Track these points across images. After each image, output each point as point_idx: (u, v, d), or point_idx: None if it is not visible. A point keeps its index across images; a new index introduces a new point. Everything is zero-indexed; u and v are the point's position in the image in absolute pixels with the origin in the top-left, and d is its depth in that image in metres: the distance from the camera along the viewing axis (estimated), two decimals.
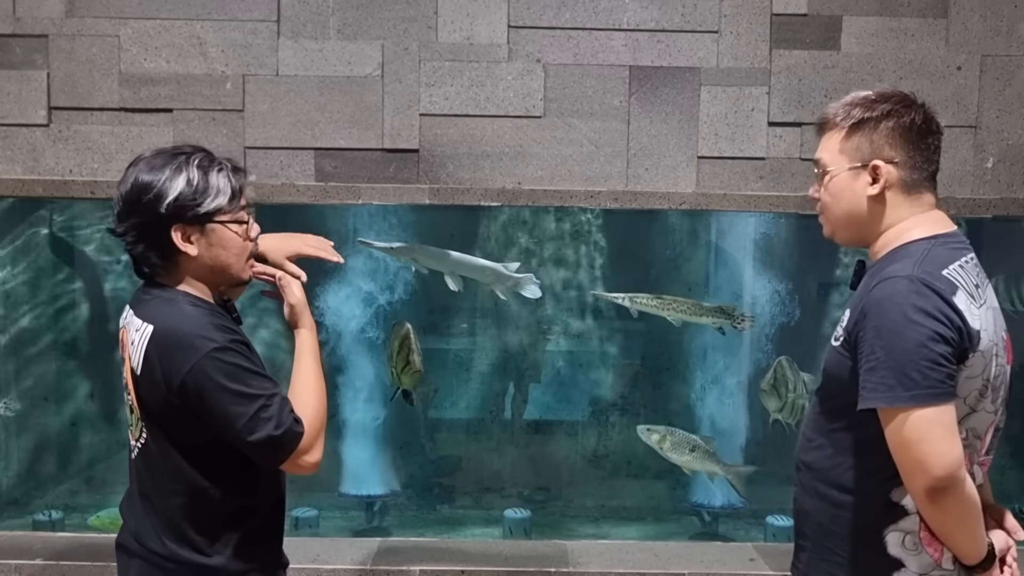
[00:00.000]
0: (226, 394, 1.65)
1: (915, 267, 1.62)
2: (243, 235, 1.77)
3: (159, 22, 3.22)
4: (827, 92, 3.26)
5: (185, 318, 1.69)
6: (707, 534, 4.00)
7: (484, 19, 3.23)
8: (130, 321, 1.77)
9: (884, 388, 1.59)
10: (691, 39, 3.25)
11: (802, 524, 1.82)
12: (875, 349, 1.60)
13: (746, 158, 3.28)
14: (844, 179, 1.74)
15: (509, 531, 3.78)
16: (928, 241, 1.69)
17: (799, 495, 1.83)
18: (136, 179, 1.71)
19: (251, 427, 1.66)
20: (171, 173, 1.70)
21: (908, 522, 1.70)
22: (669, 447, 3.67)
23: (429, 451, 4.42)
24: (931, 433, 1.57)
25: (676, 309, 3.65)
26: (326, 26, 3.23)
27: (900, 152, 1.70)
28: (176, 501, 1.74)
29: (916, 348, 1.57)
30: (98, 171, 3.24)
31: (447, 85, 3.25)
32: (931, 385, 1.57)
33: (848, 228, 1.77)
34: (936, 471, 1.57)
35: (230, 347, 1.68)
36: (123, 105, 3.23)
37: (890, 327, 1.59)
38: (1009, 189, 3.29)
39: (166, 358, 1.66)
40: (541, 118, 3.26)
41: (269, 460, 1.71)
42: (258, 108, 3.24)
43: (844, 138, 1.73)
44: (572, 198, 3.25)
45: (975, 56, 3.26)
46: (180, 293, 1.75)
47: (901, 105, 1.72)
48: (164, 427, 1.71)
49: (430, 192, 3.23)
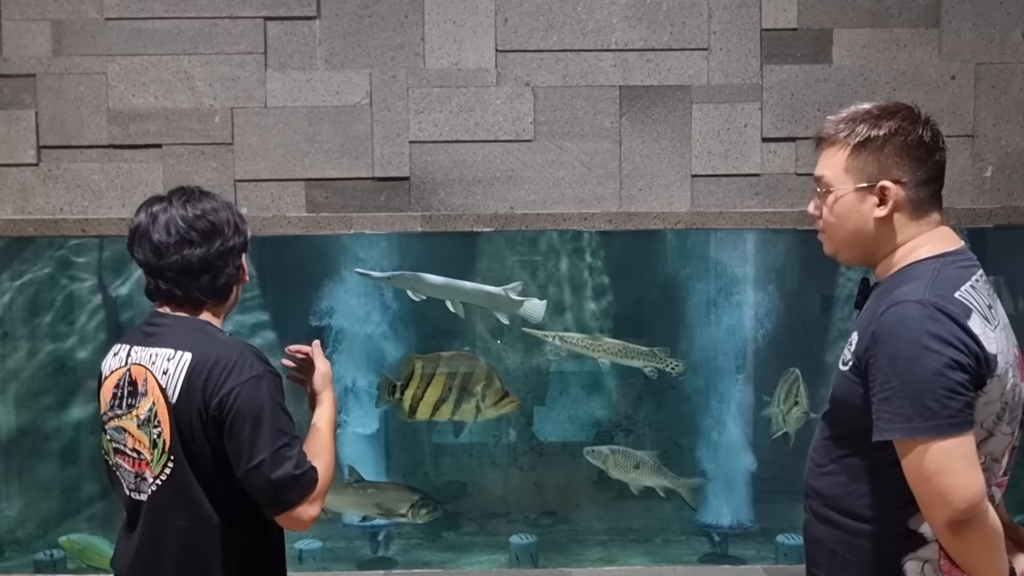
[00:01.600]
0: (257, 424, 1.67)
1: (926, 290, 1.56)
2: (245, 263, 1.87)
3: (146, 58, 3.21)
4: (820, 106, 3.22)
5: (227, 345, 1.74)
6: (716, 555, 3.94)
7: (471, 44, 3.22)
8: (144, 356, 1.76)
9: (901, 419, 1.53)
10: (681, 57, 3.23)
11: (815, 552, 1.76)
12: (889, 378, 1.54)
13: (741, 175, 3.24)
14: (850, 200, 1.67)
15: (515, 557, 3.73)
16: (937, 260, 1.64)
17: (810, 522, 1.77)
18: (184, 214, 1.76)
19: (274, 462, 1.67)
20: (218, 204, 1.81)
21: (927, 550, 1.64)
22: (613, 466, 3.64)
23: (433, 477, 4.38)
24: (952, 464, 1.51)
25: (606, 350, 3.59)
26: (313, 56, 3.22)
27: (908, 172, 1.65)
28: (188, 539, 1.73)
29: (933, 377, 1.51)
30: (88, 209, 3.23)
31: (436, 111, 3.23)
32: (950, 415, 1.51)
33: (853, 249, 1.71)
34: (958, 504, 1.51)
35: (268, 378, 1.72)
36: (112, 142, 3.22)
37: (904, 355, 1.53)
38: (1009, 198, 3.24)
39: (208, 381, 1.69)
40: (532, 141, 3.23)
41: (277, 502, 1.70)
42: (247, 141, 3.22)
43: (849, 156, 1.67)
44: (566, 221, 3.22)
45: (969, 65, 3.23)
46: (205, 323, 1.79)
47: (908, 122, 1.66)
48: (194, 459, 1.72)
49: (422, 220, 3.20)
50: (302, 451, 1.73)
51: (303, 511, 1.71)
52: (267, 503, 1.70)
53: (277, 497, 1.69)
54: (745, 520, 4.06)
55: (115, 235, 3.23)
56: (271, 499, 1.69)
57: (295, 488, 1.69)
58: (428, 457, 4.39)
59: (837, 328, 4.22)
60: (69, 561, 3.66)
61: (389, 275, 3.46)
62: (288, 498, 1.69)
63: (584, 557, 3.91)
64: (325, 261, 3.99)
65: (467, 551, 3.93)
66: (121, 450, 1.79)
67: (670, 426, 4.29)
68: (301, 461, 1.70)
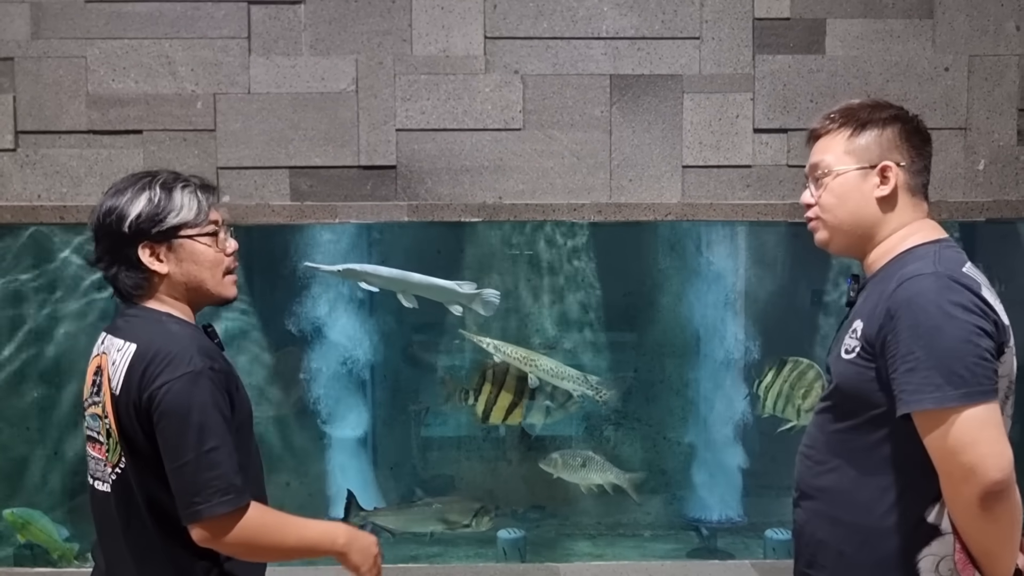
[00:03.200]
0: (184, 423, 1.59)
1: (936, 265, 1.56)
2: (215, 248, 1.74)
3: (126, 42, 3.14)
4: (813, 97, 3.19)
5: (170, 336, 1.67)
6: (705, 549, 3.91)
7: (460, 31, 3.16)
8: (109, 344, 1.73)
9: (931, 388, 1.48)
10: (672, 46, 3.18)
11: (815, 554, 1.68)
12: (913, 349, 1.50)
13: (732, 166, 3.20)
14: (851, 179, 1.66)
15: (503, 552, 3.69)
16: (934, 244, 1.64)
17: (809, 523, 1.70)
18: (102, 206, 1.73)
19: (198, 466, 1.58)
20: (132, 194, 1.71)
21: (941, 544, 1.59)
22: (563, 468, 3.63)
23: (421, 470, 4.34)
24: (985, 433, 1.48)
25: (538, 367, 3.56)
26: (298, 42, 3.15)
27: (906, 157, 1.67)
28: (154, 531, 1.67)
29: (960, 344, 1.49)
30: (67, 196, 3.16)
31: (423, 99, 3.17)
32: (979, 382, 1.48)
33: (849, 233, 1.68)
34: (994, 474, 1.47)
35: (207, 375, 1.63)
36: (91, 127, 3.15)
37: (928, 324, 1.50)
38: (1001, 191, 3.21)
39: (145, 374, 1.62)
40: (521, 130, 3.18)
41: (188, 507, 1.60)
42: (230, 127, 3.16)
43: (850, 138, 1.67)
44: (555, 212, 3.18)
45: (962, 56, 3.20)
46: (163, 314, 1.73)
47: (902, 112, 1.70)
48: (141, 452, 1.66)
49: (409, 209, 3.15)
50: (235, 467, 1.61)
51: (211, 529, 1.59)
52: (181, 507, 1.61)
53: (190, 503, 1.59)
54: (734, 515, 4.04)
55: None
56: (185, 503, 1.60)
57: (213, 500, 1.58)
58: (416, 451, 4.35)
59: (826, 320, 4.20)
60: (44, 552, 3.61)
61: (339, 268, 3.40)
62: (200, 508, 1.59)
63: (572, 551, 3.88)
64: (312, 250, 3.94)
65: (454, 545, 3.89)
66: (93, 438, 1.76)
67: (659, 420, 4.27)
68: (230, 476, 1.59)
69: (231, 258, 1.79)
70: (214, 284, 1.76)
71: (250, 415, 1.78)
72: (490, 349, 3.56)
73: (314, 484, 4.06)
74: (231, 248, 1.79)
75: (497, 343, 3.59)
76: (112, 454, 1.70)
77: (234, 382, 1.71)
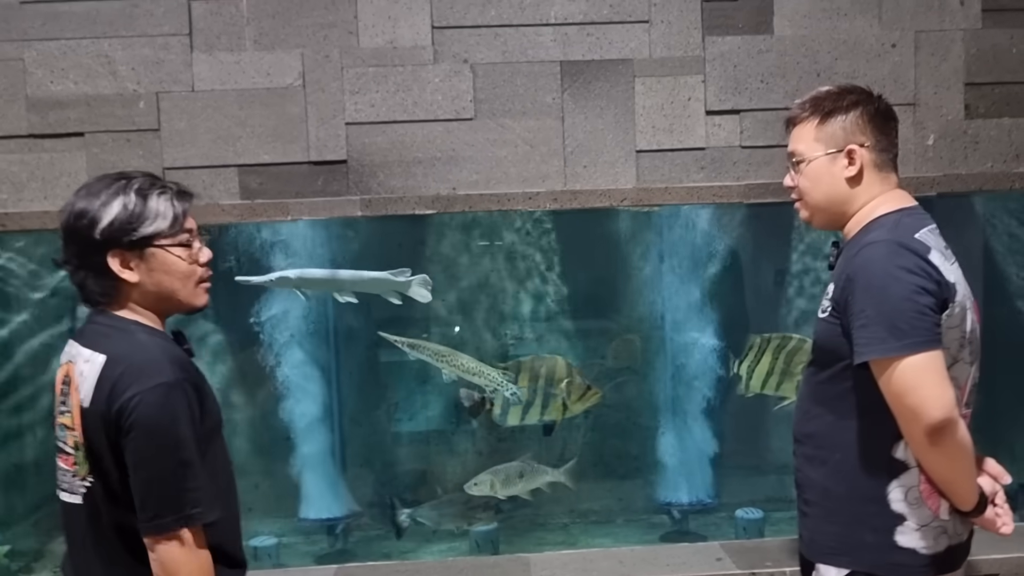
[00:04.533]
0: (154, 435, 1.56)
1: (890, 233, 1.80)
2: (188, 259, 1.71)
3: (64, 42, 3.06)
4: (763, 77, 3.19)
5: (139, 347, 1.63)
6: (677, 532, 3.94)
7: (406, 21, 3.12)
8: (76, 353, 1.68)
9: (876, 341, 1.73)
10: (621, 30, 3.16)
11: (806, 492, 1.96)
12: (865, 307, 1.75)
13: (685, 149, 3.19)
14: (822, 164, 1.90)
15: (476, 545, 3.68)
16: (897, 214, 1.87)
17: (802, 466, 1.96)
18: (73, 206, 1.68)
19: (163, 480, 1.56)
20: (107, 198, 1.66)
21: (909, 476, 1.84)
22: (501, 486, 3.66)
23: (391, 465, 4.31)
24: (925, 378, 1.71)
25: (456, 366, 3.61)
26: (241, 37, 3.09)
27: (870, 137, 1.89)
28: (122, 547, 1.64)
29: (902, 301, 1.72)
30: (8, 202, 3.08)
31: (372, 92, 3.12)
32: (918, 333, 1.72)
33: (827, 211, 1.93)
34: (934, 413, 1.70)
35: (180, 387, 1.60)
36: (32, 131, 3.07)
37: (877, 285, 1.74)
38: (951, 165, 3.24)
39: (116, 386, 1.58)
40: (472, 120, 3.15)
41: (151, 520, 1.57)
42: (175, 126, 3.09)
43: (818, 127, 1.90)
44: (510, 201, 3.15)
45: (909, 33, 3.22)
46: (132, 323, 1.68)
47: (865, 96, 1.93)
48: (107, 470, 1.62)
49: (362, 204, 3.11)
50: (202, 484, 1.59)
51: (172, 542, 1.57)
52: (143, 520, 1.58)
53: (154, 516, 1.57)
54: (704, 496, 4.06)
55: (38, 229, 3.08)
56: (147, 516, 1.57)
57: (181, 513, 1.57)
58: (387, 445, 4.32)
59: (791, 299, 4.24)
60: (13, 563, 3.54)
61: (271, 278, 3.38)
62: (165, 522, 1.57)
63: (546, 541, 3.88)
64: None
65: (427, 541, 3.88)
66: (62, 448, 1.71)
67: (628, 405, 4.28)
68: (198, 492, 1.57)
69: (204, 268, 1.75)
70: (185, 294, 1.73)
71: (220, 422, 1.75)
72: (405, 348, 3.60)
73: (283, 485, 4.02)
74: (204, 258, 1.75)
75: (413, 341, 3.62)
76: (81, 467, 1.66)
77: (204, 391, 1.67)
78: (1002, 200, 3.90)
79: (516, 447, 4.11)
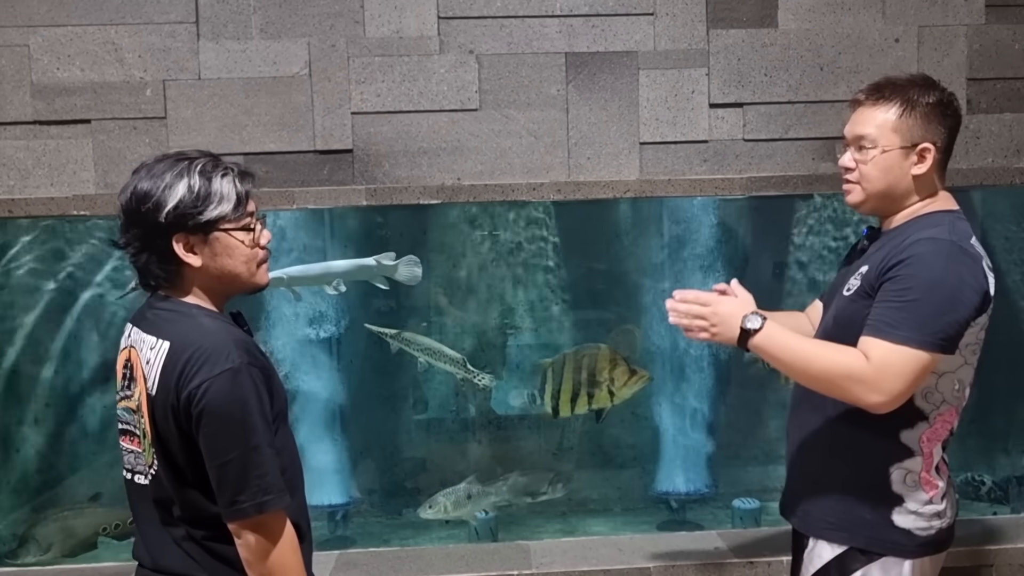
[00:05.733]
0: (227, 422, 1.56)
1: (951, 234, 1.82)
2: (250, 243, 1.69)
3: (70, 28, 3.06)
4: (767, 71, 3.20)
5: (204, 333, 1.62)
6: (675, 522, 3.96)
7: (413, 11, 3.12)
8: (138, 339, 1.67)
9: (903, 327, 1.74)
10: (626, 22, 3.18)
11: (805, 466, 2.00)
12: (909, 292, 1.75)
13: (689, 142, 3.21)
14: (895, 156, 1.88)
15: (475, 532, 3.71)
16: (949, 214, 1.90)
17: (802, 440, 1.99)
18: (135, 188, 1.64)
19: (242, 463, 1.56)
20: (171, 179, 1.63)
21: (913, 462, 1.89)
22: (453, 509, 3.67)
23: (391, 454, 4.33)
24: (909, 375, 1.75)
25: (444, 355, 3.71)
26: (248, 25, 3.10)
27: (941, 137, 1.91)
28: (194, 533, 1.65)
29: (949, 304, 1.75)
30: (15, 188, 3.09)
31: (378, 81, 3.14)
32: (940, 338, 1.75)
33: (883, 200, 1.93)
34: (884, 403, 1.77)
35: (247, 371, 1.58)
36: (37, 118, 3.07)
37: (930, 277, 1.75)
38: (952, 160, 3.25)
39: (182, 374, 1.58)
40: (477, 111, 3.16)
41: (231, 504, 1.59)
42: (181, 114, 3.10)
43: (900, 118, 1.88)
44: (514, 192, 3.17)
45: (912, 27, 3.23)
46: (194, 307, 1.67)
47: (947, 95, 1.94)
48: (175, 457, 1.62)
49: (367, 193, 3.12)
50: (277, 466, 1.59)
51: (252, 527, 1.57)
52: (223, 505, 1.59)
53: (233, 501, 1.58)
54: (702, 486, 4.09)
55: (43, 215, 3.10)
56: (227, 501, 1.58)
57: (257, 499, 1.57)
58: (385, 433, 4.34)
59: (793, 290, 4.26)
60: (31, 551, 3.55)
61: None
62: (245, 507, 1.57)
63: (544, 529, 3.90)
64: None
65: (426, 528, 3.90)
66: (128, 431, 1.71)
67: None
68: (273, 476, 1.58)
69: (266, 250, 1.74)
70: (248, 276, 1.71)
71: (286, 403, 1.74)
72: (388, 339, 3.67)
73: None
74: (265, 240, 1.73)
75: (394, 332, 3.68)
76: (147, 453, 1.67)
77: (270, 373, 1.67)
78: (1004, 195, 3.93)
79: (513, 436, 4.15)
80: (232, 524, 1.60)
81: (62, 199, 3.06)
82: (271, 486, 1.58)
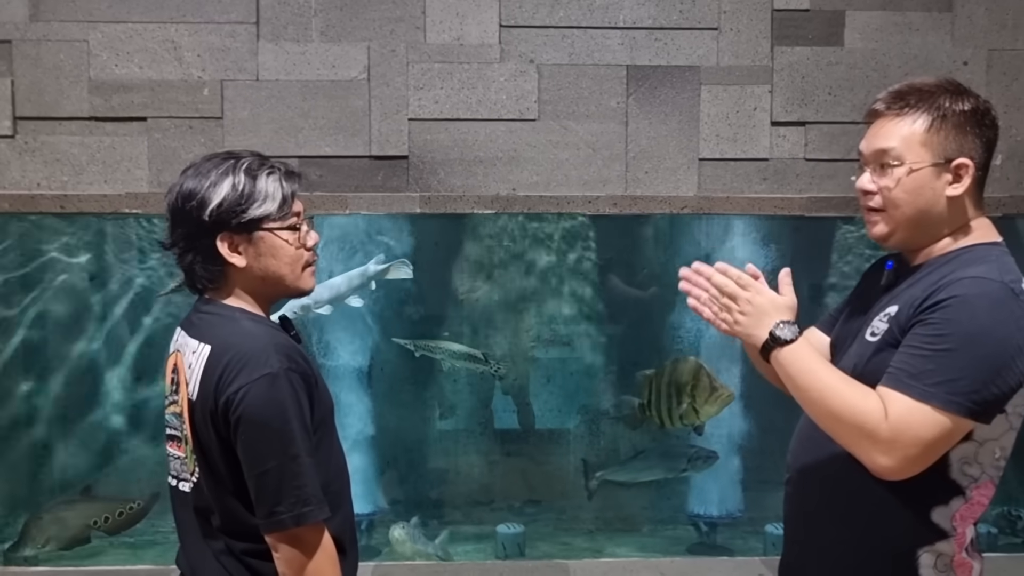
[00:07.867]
0: (263, 429, 1.50)
1: (1000, 274, 1.48)
2: (295, 243, 1.62)
3: (130, 25, 3.05)
4: (831, 90, 3.15)
5: (245, 336, 1.56)
6: (704, 544, 3.90)
7: (474, 18, 3.09)
8: (184, 343, 1.63)
9: (931, 383, 1.42)
10: (690, 36, 3.13)
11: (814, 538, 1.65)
12: (944, 342, 1.43)
13: (749, 159, 3.16)
14: (926, 175, 1.54)
15: (502, 547, 3.65)
16: (993, 247, 1.56)
17: (810, 509, 1.66)
18: (182, 186, 1.60)
19: (282, 473, 1.50)
20: (216, 178, 1.57)
21: (945, 544, 1.56)
22: (422, 543, 3.61)
23: (418, 464, 4.29)
24: (936, 444, 1.44)
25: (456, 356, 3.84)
26: (308, 28, 3.07)
27: (980, 152, 1.55)
28: (233, 547, 1.59)
29: (997, 361, 1.43)
30: (68, 184, 3.07)
31: (437, 88, 3.10)
32: (981, 401, 1.42)
33: (914, 229, 1.57)
34: (896, 471, 1.45)
35: (286, 376, 1.52)
36: (94, 114, 3.06)
37: (974, 329, 1.43)
38: (1018, 187, 3.20)
39: (221, 378, 1.52)
40: (535, 121, 3.12)
41: (269, 516, 1.52)
42: (238, 115, 3.07)
43: (929, 130, 1.53)
44: (569, 204, 3.12)
45: (981, 51, 3.17)
46: (237, 310, 1.62)
47: (982, 101, 1.56)
48: (215, 465, 1.57)
49: (421, 200, 3.08)
50: (316, 477, 1.53)
51: (289, 540, 1.51)
52: (261, 516, 1.53)
53: (271, 512, 1.51)
54: (733, 509, 4.02)
55: (95, 212, 3.07)
56: (265, 512, 1.52)
57: (295, 510, 1.50)
58: (413, 444, 4.30)
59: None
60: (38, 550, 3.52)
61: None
62: (283, 518, 1.51)
63: (571, 546, 3.84)
64: None
65: (453, 541, 3.85)
66: (174, 436, 1.67)
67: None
68: (312, 487, 1.52)
69: (311, 252, 1.67)
70: (292, 279, 1.65)
71: (331, 410, 1.68)
72: (410, 347, 3.79)
73: None
74: (312, 242, 1.66)
75: (417, 342, 3.79)
76: (189, 460, 1.62)
77: (313, 379, 1.60)
78: None
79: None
80: (269, 536, 1.54)
81: (115, 196, 3.04)
82: (310, 497, 1.52)
